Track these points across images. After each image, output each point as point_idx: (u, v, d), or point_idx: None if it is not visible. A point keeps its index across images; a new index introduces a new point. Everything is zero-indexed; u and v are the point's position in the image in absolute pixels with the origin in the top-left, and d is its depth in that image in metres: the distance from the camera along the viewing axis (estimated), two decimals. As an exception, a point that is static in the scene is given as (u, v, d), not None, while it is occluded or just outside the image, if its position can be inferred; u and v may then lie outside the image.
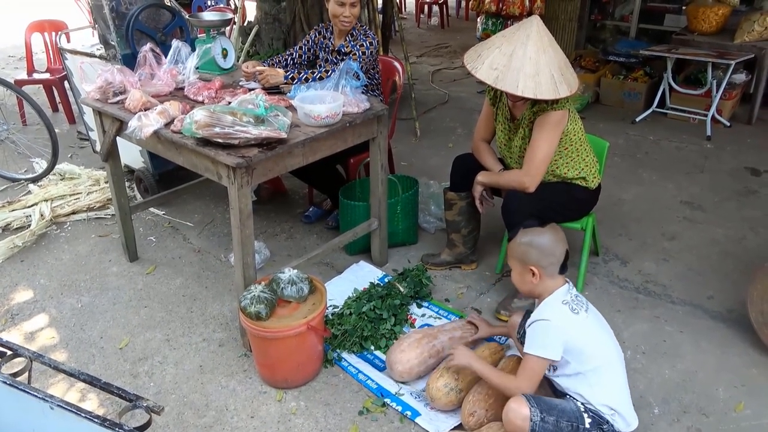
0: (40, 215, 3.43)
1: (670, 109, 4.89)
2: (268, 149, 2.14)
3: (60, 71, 4.92)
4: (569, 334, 1.79)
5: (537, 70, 2.21)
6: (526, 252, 1.88)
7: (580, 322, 1.83)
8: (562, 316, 1.82)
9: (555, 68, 2.24)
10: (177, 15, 3.37)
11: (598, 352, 1.84)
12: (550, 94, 2.22)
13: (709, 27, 4.84)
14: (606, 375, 1.84)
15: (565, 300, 1.85)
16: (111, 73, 2.58)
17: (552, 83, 2.22)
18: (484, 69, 2.26)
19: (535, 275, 1.88)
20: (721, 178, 3.90)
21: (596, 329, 1.88)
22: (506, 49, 2.24)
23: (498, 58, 2.25)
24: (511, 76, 2.20)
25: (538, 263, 1.87)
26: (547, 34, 2.28)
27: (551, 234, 1.90)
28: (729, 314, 2.61)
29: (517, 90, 2.20)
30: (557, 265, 1.88)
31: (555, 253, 1.88)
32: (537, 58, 2.21)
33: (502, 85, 2.23)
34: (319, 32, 3.15)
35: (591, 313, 1.89)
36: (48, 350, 2.50)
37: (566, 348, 1.80)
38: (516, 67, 2.20)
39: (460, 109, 5.36)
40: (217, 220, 3.49)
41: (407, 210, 3.07)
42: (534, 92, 2.20)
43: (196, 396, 2.25)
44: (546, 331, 1.80)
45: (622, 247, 3.13)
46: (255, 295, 2.13)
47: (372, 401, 2.19)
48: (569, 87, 2.25)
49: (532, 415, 1.74)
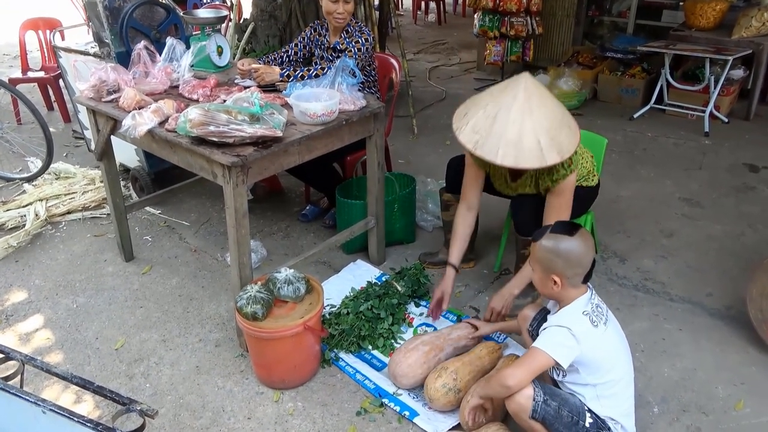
0: (35, 215, 3.40)
1: (668, 105, 4.88)
2: (263, 148, 2.12)
3: (55, 69, 4.88)
4: (585, 346, 1.73)
5: (520, 136, 2.00)
6: (551, 260, 1.77)
7: (599, 335, 1.76)
8: (581, 327, 1.74)
9: (543, 132, 2.02)
10: (172, 12, 3.34)
11: (612, 367, 1.79)
12: (534, 162, 2.02)
13: (706, 23, 4.82)
14: (615, 389, 1.81)
15: (586, 311, 1.77)
16: (105, 72, 2.55)
17: (537, 150, 2.01)
18: (466, 132, 2.09)
19: (557, 284, 1.79)
20: (719, 175, 3.89)
21: (614, 343, 1.82)
22: (491, 110, 2.06)
23: (481, 120, 2.07)
24: (491, 142, 2.02)
25: (563, 273, 1.77)
26: (537, 92, 2.07)
27: (580, 243, 1.76)
28: (728, 312, 2.60)
29: (496, 158, 2.01)
30: (582, 276, 1.78)
31: (582, 264, 1.77)
32: (521, 122, 2.01)
33: (481, 152, 2.04)
34: (314, 29, 3.12)
35: (610, 325, 1.82)
36: (43, 351, 2.48)
37: (579, 359, 1.75)
38: (497, 132, 2.02)
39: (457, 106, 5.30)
40: (214, 219, 3.47)
41: (404, 208, 3.06)
42: (515, 161, 2.01)
43: (193, 397, 2.23)
44: (562, 337, 1.73)
45: (621, 245, 3.12)
46: (251, 295, 2.11)
47: (370, 401, 2.17)
48: (559, 152, 2.03)
49: (535, 394, 1.73)
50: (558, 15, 5.83)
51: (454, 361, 2.13)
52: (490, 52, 5.58)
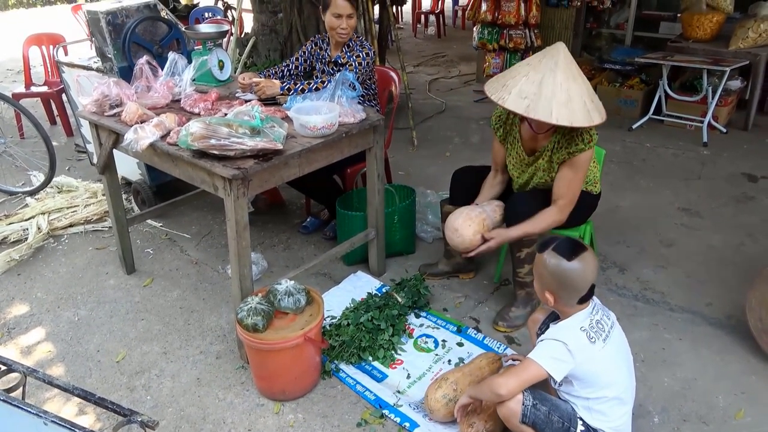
0: (37, 228, 3.42)
1: (666, 116, 4.91)
2: (264, 160, 2.14)
3: (57, 84, 4.93)
4: (580, 361, 1.73)
5: (569, 98, 2.10)
6: (547, 278, 1.78)
7: (595, 352, 1.75)
8: (577, 343, 1.73)
9: (586, 95, 2.15)
10: (174, 27, 3.39)
11: (607, 384, 1.78)
12: (585, 121, 2.12)
13: (703, 34, 4.86)
14: (609, 405, 1.80)
15: (584, 327, 1.76)
16: (107, 86, 2.58)
17: (585, 111, 2.12)
18: (512, 98, 2.13)
19: (549, 300, 1.80)
20: (718, 185, 3.90)
21: (612, 360, 1.80)
22: (534, 76, 2.13)
23: (526, 86, 2.12)
24: (544, 105, 2.08)
25: (556, 293, 1.77)
26: (573, 62, 2.19)
27: (578, 269, 1.72)
28: (728, 321, 2.60)
29: (551, 118, 2.08)
30: (576, 299, 1.77)
31: (577, 289, 1.75)
32: (568, 86, 2.11)
33: (535, 113, 2.09)
34: (315, 43, 3.16)
35: (611, 342, 1.79)
36: (45, 364, 2.49)
37: (573, 373, 1.75)
38: (547, 95, 2.09)
39: (457, 118, 5.38)
40: (215, 232, 3.49)
41: (404, 220, 3.07)
42: (569, 120, 2.10)
43: (194, 409, 2.23)
44: (557, 351, 1.73)
45: (620, 255, 3.13)
46: (252, 307, 2.12)
47: (370, 413, 2.17)
48: (600, 115, 2.18)
49: (524, 399, 1.75)
50: (556, 27, 5.88)
51: (454, 372, 2.14)
52: (489, 64, 5.63)
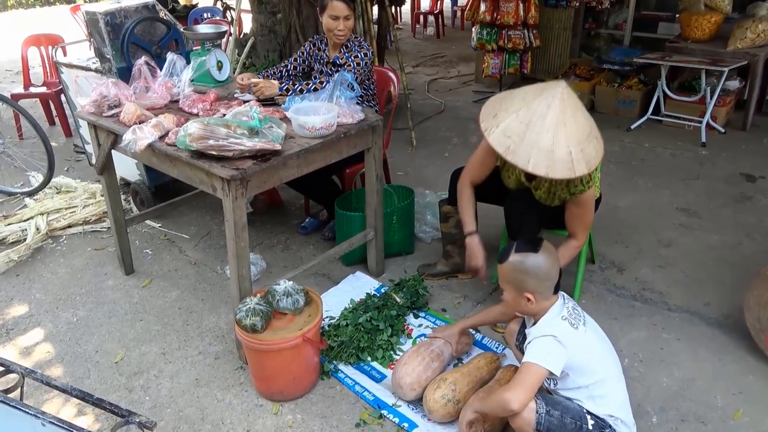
0: (35, 229, 3.42)
1: (664, 116, 4.91)
2: (262, 161, 2.14)
3: (56, 85, 4.93)
4: (571, 349, 1.76)
5: (553, 146, 1.98)
6: (522, 279, 1.81)
7: (580, 336, 1.80)
8: (564, 332, 1.78)
9: (574, 143, 2.00)
10: (172, 28, 3.38)
11: (599, 366, 1.83)
12: (565, 173, 1.99)
13: (702, 34, 4.87)
14: (606, 386, 1.83)
15: (564, 315, 1.82)
16: (106, 87, 2.59)
17: (569, 161, 1.99)
18: (497, 134, 2.04)
19: (531, 301, 1.83)
20: (716, 185, 3.90)
21: (595, 342, 1.86)
22: (524, 116, 2.02)
23: (514, 124, 2.02)
24: (524, 149, 1.99)
25: (535, 289, 1.81)
26: (572, 102, 2.05)
27: (546, 258, 1.82)
28: (726, 321, 2.61)
29: (527, 166, 1.99)
30: (552, 287, 1.84)
31: (551, 277, 1.83)
32: (555, 132, 1.99)
33: (513, 158, 2.00)
34: (314, 44, 3.16)
35: (589, 325, 1.87)
36: (43, 365, 2.49)
37: (568, 364, 1.77)
38: (531, 140, 1.99)
39: (455, 118, 5.38)
40: (214, 232, 3.49)
41: (403, 220, 3.07)
42: (546, 170, 1.98)
43: (192, 410, 2.23)
44: (550, 346, 1.76)
45: (619, 255, 3.13)
46: (250, 308, 2.12)
47: (369, 413, 2.17)
48: (587, 164, 2.02)
49: (538, 407, 1.74)
50: (555, 28, 5.89)
51: (452, 372, 2.14)
52: (488, 64, 5.63)
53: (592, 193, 2.31)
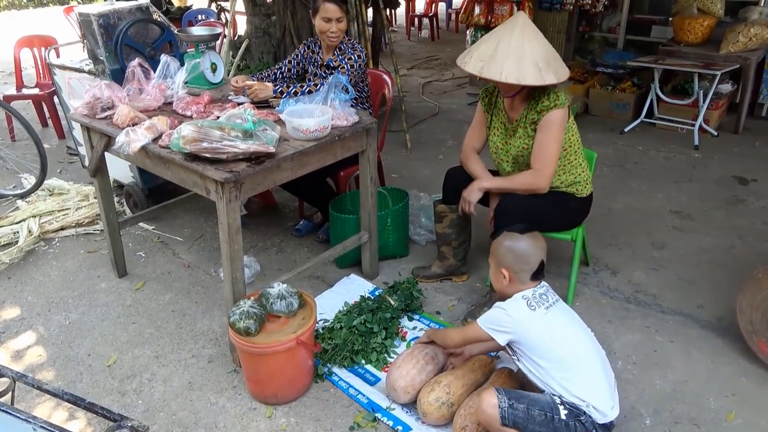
0: (28, 231, 3.40)
1: (658, 119, 4.94)
2: (256, 163, 2.14)
3: (49, 86, 4.91)
4: (522, 326, 1.87)
5: (520, 58, 2.25)
6: (503, 254, 1.98)
7: (535, 318, 1.89)
8: (517, 309, 1.90)
9: (540, 58, 2.27)
10: (166, 30, 3.37)
11: (555, 348, 1.87)
12: (534, 80, 2.24)
13: (694, 38, 4.90)
14: (569, 370, 1.86)
15: (525, 296, 1.93)
16: (99, 89, 2.57)
17: (537, 70, 2.24)
18: (472, 62, 2.34)
19: (506, 278, 1.97)
20: (709, 187, 3.93)
21: (557, 326, 1.92)
22: (492, 41, 2.33)
23: (484, 49, 2.33)
24: (495, 65, 2.26)
25: (511, 267, 1.96)
26: (532, 27, 2.33)
27: (529, 242, 1.97)
28: (719, 323, 2.62)
29: (500, 77, 2.25)
30: (529, 273, 1.95)
31: (529, 261, 1.95)
32: (521, 47, 2.26)
33: (486, 73, 2.28)
34: (308, 46, 3.16)
35: (553, 311, 1.92)
36: (35, 368, 2.47)
37: (518, 339, 1.89)
38: (500, 56, 2.27)
39: (450, 121, 5.39)
40: (207, 235, 3.48)
41: (397, 222, 3.07)
42: (516, 78, 2.24)
43: (185, 413, 2.22)
44: (497, 315, 1.91)
45: (612, 257, 3.14)
46: (244, 311, 2.11)
47: (363, 416, 2.17)
48: (556, 76, 2.27)
49: (500, 401, 1.80)
50: (549, 30, 5.90)
51: (447, 375, 2.14)
52: (482, 67, 5.64)
53: (559, 116, 2.38)
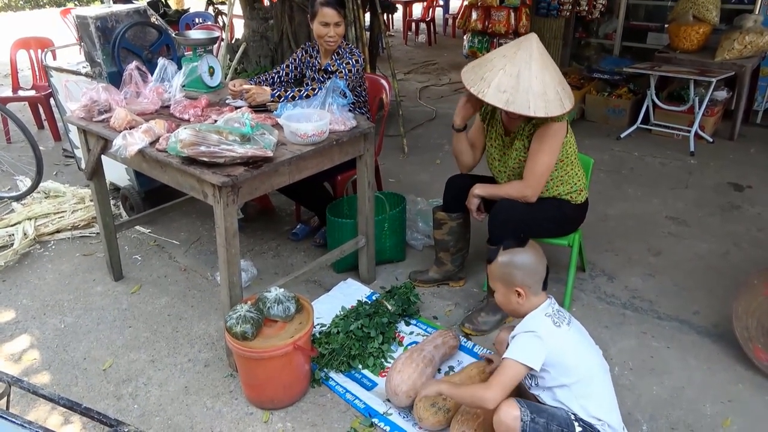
0: (23, 234, 3.39)
1: (654, 125, 4.96)
2: (254, 168, 2.13)
3: (45, 88, 4.89)
4: (551, 345, 1.80)
5: (544, 89, 2.24)
6: (511, 274, 1.88)
7: (562, 335, 1.84)
8: (545, 328, 1.82)
9: (557, 84, 2.29)
10: (164, 33, 3.37)
11: (580, 365, 1.84)
12: (559, 110, 2.26)
13: (690, 45, 4.93)
14: (590, 387, 1.84)
15: (548, 313, 1.86)
16: (96, 92, 2.57)
17: (558, 99, 2.27)
18: (491, 92, 2.26)
19: (521, 295, 1.87)
20: (705, 194, 3.94)
21: (577, 342, 1.89)
22: (511, 70, 2.25)
23: (505, 80, 2.25)
24: (521, 98, 2.22)
25: (523, 283, 1.87)
26: (545, 51, 2.33)
27: (533, 252, 1.90)
28: (715, 329, 2.63)
29: (529, 111, 2.22)
30: (541, 282, 1.90)
31: (539, 271, 1.89)
32: (542, 77, 2.25)
33: (514, 107, 2.23)
34: (305, 51, 3.16)
35: (573, 326, 1.89)
36: (30, 372, 2.45)
37: (547, 360, 1.80)
38: (524, 88, 2.22)
39: (447, 125, 5.36)
40: (204, 238, 3.47)
41: (395, 227, 3.07)
42: (545, 111, 2.23)
43: (181, 418, 2.21)
44: (530, 341, 1.81)
45: (609, 263, 3.15)
46: (241, 315, 2.11)
47: (360, 421, 2.16)
48: (570, 100, 2.33)
49: (522, 414, 1.75)
50: (546, 37, 5.94)
51: (443, 381, 2.13)
52: (479, 72, 5.66)
53: (555, 129, 2.39)
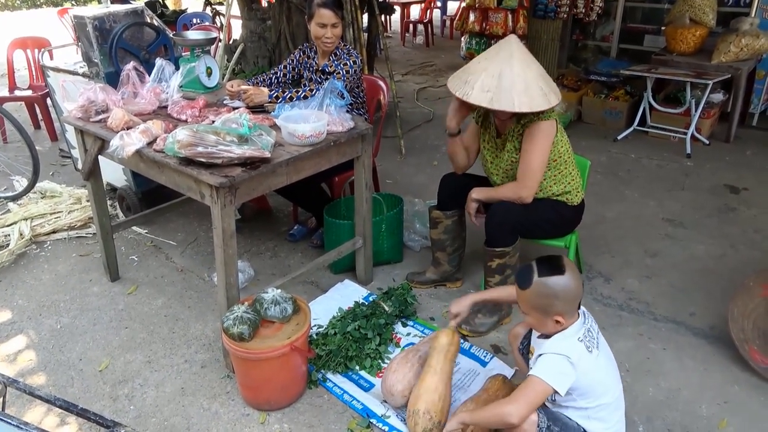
0: (19, 234, 3.37)
1: (650, 127, 4.97)
2: (251, 168, 2.13)
3: (42, 88, 4.88)
4: (581, 371, 1.71)
5: (526, 86, 2.28)
6: (550, 304, 1.73)
7: (592, 360, 1.75)
8: (577, 354, 1.72)
9: (540, 80, 2.32)
10: (161, 33, 3.37)
11: (606, 391, 1.79)
12: (544, 104, 2.29)
13: (687, 48, 4.94)
14: (607, 411, 1.81)
15: (580, 337, 1.76)
16: (93, 92, 2.56)
17: (542, 95, 2.30)
18: (475, 93, 2.31)
19: (559, 323, 1.76)
20: (701, 196, 3.95)
21: (606, 367, 1.82)
22: (493, 70, 2.30)
23: (487, 80, 2.30)
24: (505, 96, 2.27)
25: (563, 312, 1.74)
26: (525, 50, 2.37)
27: (571, 276, 1.72)
28: (711, 331, 2.63)
29: (513, 107, 2.26)
30: (577, 304, 1.78)
31: (578, 296, 1.76)
32: (524, 74, 2.29)
33: (498, 105, 2.27)
34: (303, 52, 3.16)
35: (601, 348, 1.81)
36: (25, 373, 2.44)
37: (574, 385, 1.72)
38: (507, 86, 2.27)
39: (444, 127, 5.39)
40: (201, 239, 3.46)
41: (392, 228, 3.07)
42: (529, 106, 2.27)
43: (178, 419, 2.20)
44: (562, 365, 1.71)
45: (605, 265, 3.15)
46: (238, 316, 2.10)
47: (357, 422, 2.16)
48: (556, 95, 2.35)
49: (539, 421, 1.72)
50: (543, 38, 5.95)
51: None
52: (476, 74, 5.67)
53: (544, 127, 2.40)
